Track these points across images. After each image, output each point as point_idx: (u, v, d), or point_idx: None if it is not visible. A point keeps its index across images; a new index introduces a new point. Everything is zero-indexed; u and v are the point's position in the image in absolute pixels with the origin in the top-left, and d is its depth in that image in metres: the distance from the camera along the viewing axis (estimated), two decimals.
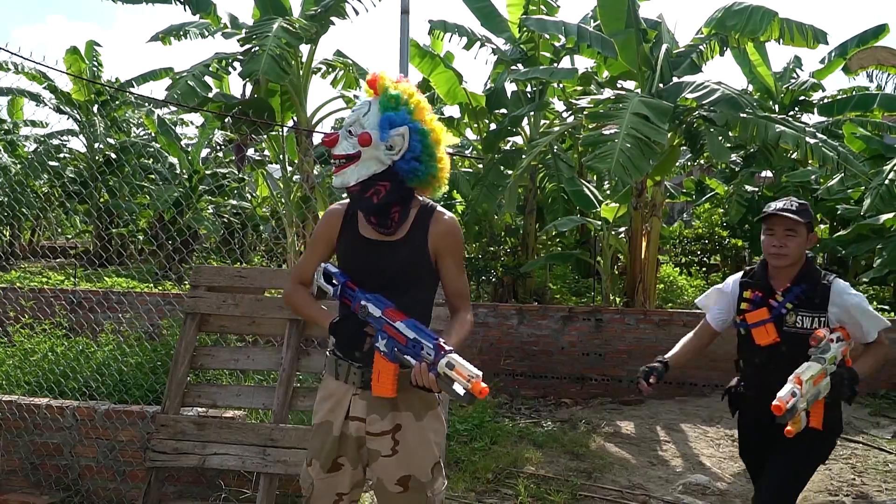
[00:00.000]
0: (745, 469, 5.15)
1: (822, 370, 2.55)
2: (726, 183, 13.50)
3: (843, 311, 2.73)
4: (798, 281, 2.77)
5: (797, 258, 2.76)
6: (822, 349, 2.59)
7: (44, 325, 5.39)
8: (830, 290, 2.74)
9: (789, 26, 7.64)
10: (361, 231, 2.32)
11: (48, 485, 3.94)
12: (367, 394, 2.26)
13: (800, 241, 2.74)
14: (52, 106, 15.78)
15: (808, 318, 2.73)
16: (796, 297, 2.75)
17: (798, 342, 2.68)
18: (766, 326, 2.76)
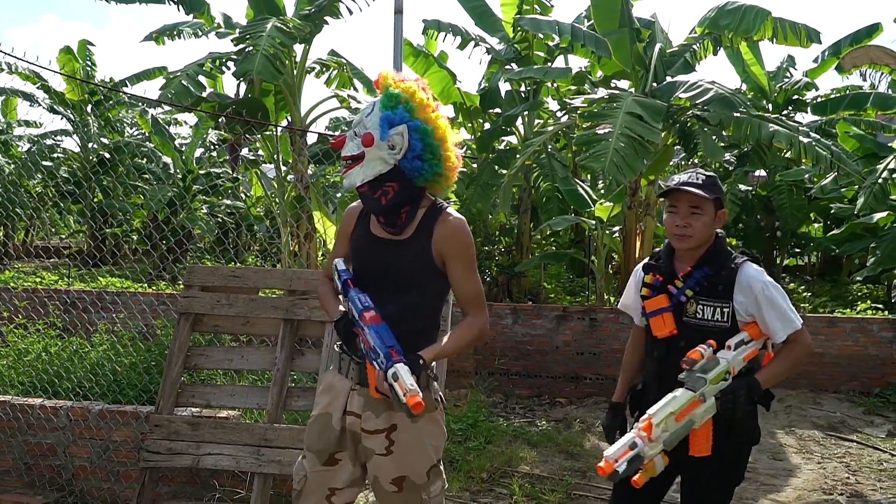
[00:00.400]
0: None
1: (692, 399, 2.22)
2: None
3: (750, 302, 2.35)
4: (701, 264, 2.42)
5: (704, 239, 2.42)
6: (699, 371, 2.24)
7: (38, 326, 5.38)
8: (737, 275, 2.37)
9: (782, 25, 7.66)
10: (372, 229, 2.34)
11: (42, 485, 3.93)
12: (364, 390, 2.26)
13: (706, 219, 2.40)
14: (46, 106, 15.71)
15: (710, 307, 2.38)
16: (698, 282, 2.40)
17: (699, 336, 2.35)
18: (663, 316, 2.43)
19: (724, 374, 2.27)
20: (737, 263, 2.39)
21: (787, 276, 14.33)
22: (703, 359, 2.24)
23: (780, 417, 6.53)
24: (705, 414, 2.26)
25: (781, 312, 2.34)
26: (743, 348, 2.33)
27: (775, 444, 5.80)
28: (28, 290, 6.86)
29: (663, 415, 2.18)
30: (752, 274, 2.37)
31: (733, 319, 2.37)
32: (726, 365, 2.28)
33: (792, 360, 2.37)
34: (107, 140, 15.99)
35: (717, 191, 2.45)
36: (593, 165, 6.31)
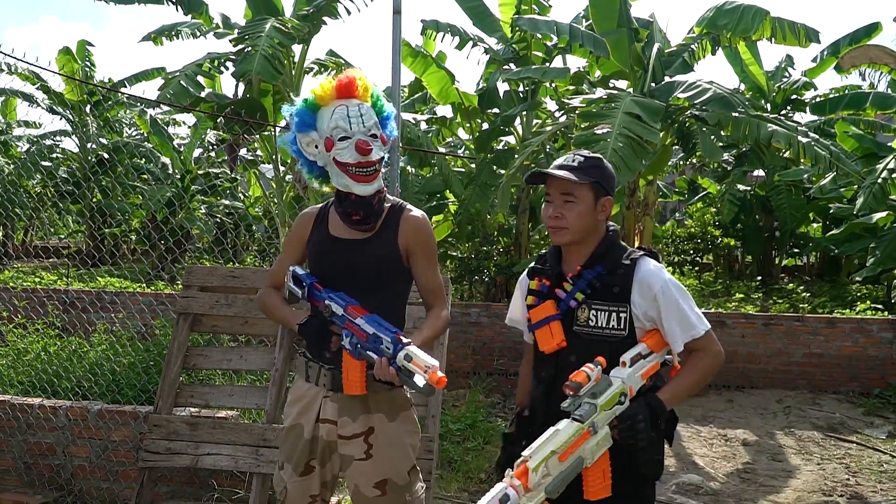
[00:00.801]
0: (738, 469, 5.20)
1: (579, 432, 1.83)
2: (718, 182, 13.57)
3: (649, 304, 2.00)
4: (592, 262, 2.06)
5: (582, 232, 2.05)
6: (587, 397, 1.87)
7: (37, 325, 5.38)
8: (634, 273, 2.02)
9: (781, 25, 7.67)
10: (331, 231, 2.33)
11: (41, 484, 3.94)
12: (338, 396, 2.26)
13: (581, 209, 2.03)
14: (45, 106, 15.71)
15: (605, 312, 2.01)
16: (589, 284, 2.04)
17: (592, 348, 2.00)
18: (550, 326, 2.05)
19: (619, 396, 1.92)
20: (633, 259, 2.04)
21: (786, 277, 14.34)
22: (590, 381, 1.87)
23: (780, 418, 6.53)
24: (598, 448, 1.88)
25: (681, 316, 1.99)
26: (641, 363, 1.98)
27: (774, 444, 5.80)
28: (27, 290, 6.86)
29: (542, 455, 1.76)
30: (650, 271, 2.03)
31: (632, 326, 2.02)
32: (620, 385, 1.93)
33: (699, 373, 2.02)
34: (106, 140, 15.99)
35: (596, 174, 2.05)
36: None
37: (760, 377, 7.43)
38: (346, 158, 2.22)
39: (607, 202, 2.08)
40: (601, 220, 2.08)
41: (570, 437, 1.82)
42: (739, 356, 7.44)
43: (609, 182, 2.09)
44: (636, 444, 1.91)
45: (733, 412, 6.70)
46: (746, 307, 9.46)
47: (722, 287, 12.40)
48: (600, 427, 1.89)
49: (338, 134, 2.22)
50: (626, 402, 1.94)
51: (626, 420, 1.91)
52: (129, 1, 8.66)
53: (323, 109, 2.25)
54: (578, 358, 1.98)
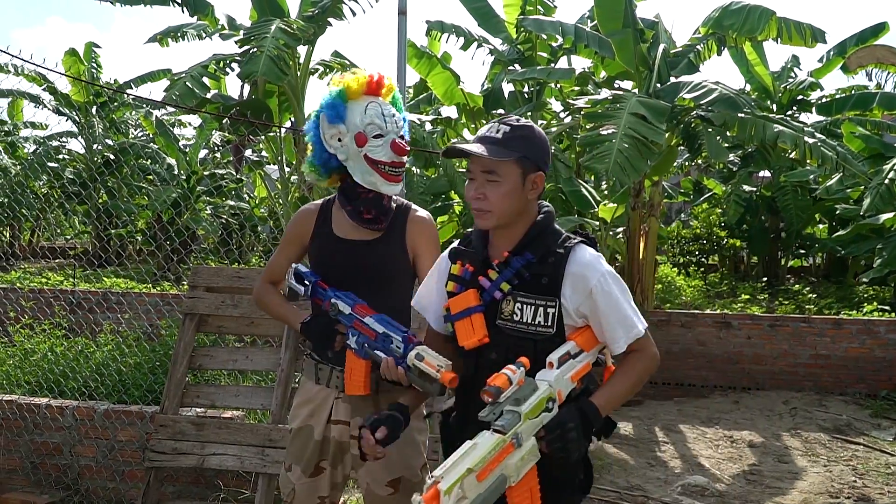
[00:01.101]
0: (744, 470, 5.19)
1: (500, 446, 1.56)
2: (724, 183, 13.54)
3: (583, 298, 1.75)
4: (522, 248, 1.80)
5: (509, 214, 1.79)
6: (509, 404, 1.61)
7: (43, 326, 5.40)
8: (566, 262, 1.77)
9: (787, 25, 7.65)
10: (336, 231, 2.30)
11: (48, 484, 3.95)
12: (349, 396, 2.25)
13: (507, 188, 1.77)
14: (52, 108, 15.78)
15: (531, 306, 1.76)
16: (517, 273, 1.78)
17: (515, 346, 1.77)
18: (471, 318, 1.80)
19: (547, 402, 1.66)
20: (567, 247, 1.79)
21: (792, 278, 14.30)
22: (512, 385, 1.60)
23: (786, 420, 6.51)
24: (524, 463, 1.61)
25: (622, 314, 1.76)
26: (570, 364, 1.74)
27: (780, 446, 5.79)
28: (34, 291, 6.89)
29: (456, 475, 1.48)
30: (586, 261, 1.77)
31: (560, 322, 1.77)
32: (548, 390, 1.67)
33: (637, 376, 1.80)
34: (112, 141, 16.05)
35: (522, 146, 1.76)
36: (597, 166, 6.30)
37: (766, 378, 7.41)
38: (380, 156, 2.21)
39: (538, 178, 1.80)
40: (532, 200, 1.82)
41: (490, 451, 1.54)
42: (745, 357, 7.43)
43: (539, 154, 1.80)
44: (567, 455, 1.64)
45: (739, 413, 6.69)
46: (752, 308, 9.45)
47: (727, 288, 12.37)
48: (525, 438, 1.61)
49: (373, 131, 2.21)
50: (555, 409, 1.67)
51: (554, 429, 1.64)
52: (135, 2, 8.68)
53: (352, 103, 2.23)
54: (500, 356, 1.75)
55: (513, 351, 1.75)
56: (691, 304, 10.21)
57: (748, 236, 13.66)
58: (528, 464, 1.63)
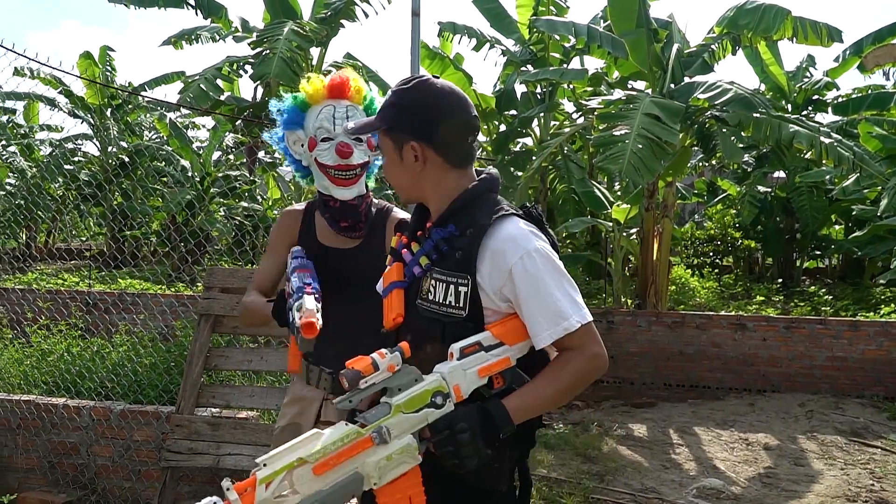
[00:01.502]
0: (760, 473, 5.15)
1: (350, 438, 1.35)
2: (738, 184, 13.47)
3: (504, 280, 1.49)
4: (445, 220, 1.58)
5: (405, 189, 1.64)
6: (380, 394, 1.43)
7: (60, 326, 5.44)
8: (486, 235, 1.51)
9: (803, 24, 7.60)
10: (319, 238, 2.24)
11: (65, 483, 3.98)
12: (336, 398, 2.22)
13: (386, 163, 1.64)
14: (67, 110, 15.92)
15: (444, 283, 1.53)
16: (435, 246, 1.57)
17: (427, 329, 1.55)
18: (392, 294, 1.63)
19: (433, 395, 1.42)
20: (494, 218, 1.53)
21: (808, 279, 14.19)
22: (377, 371, 1.38)
23: (802, 422, 6.46)
24: (393, 464, 1.37)
25: (549, 301, 1.47)
26: (478, 356, 1.48)
27: (797, 449, 5.74)
28: (51, 292, 6.95)
29: (282, 464, 1.28)
30: (508, 234, 1.51)
31: (476, 305, 1.51)
32: (435, 382, 1.44)
33: (566, 379, 1.50)
34: (126, 144, 16.18)
35: (391, 115, 1.59)
36: (611, 167, 6.29)
37: (782, 380, 7.35)
38: (326, 160, 2.17)
39: (416, 147, 1.56)
40: (422, 172, 1.59)
41: (335, 442, 1.32)
42: (760, 359, 7.37)
43: (409, 121, 1.56)
44: (460, 462, 1.40)
45: (754, 416, 6.64)
46: (767, 310, 9.38)
47: (742, 290, 12.29)
48: (396, 435, 1.38)
49: (321, 134, 2.17)
50: (448, 405, 1.43)
51: (442, 429, 1.41)
52: (149, 4, 8.74)
53: (312, 108, 2.20)
54: (414, 338, 1.53)
55: (424, 334, 1.54)
56: (705, 306, 10.16)
57: (763, 237, 13.57)
58: (401, 466, 1.38)
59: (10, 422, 4.09)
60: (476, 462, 1.40)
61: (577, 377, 1.50)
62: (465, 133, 1.60)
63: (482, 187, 1.60)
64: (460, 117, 1.58)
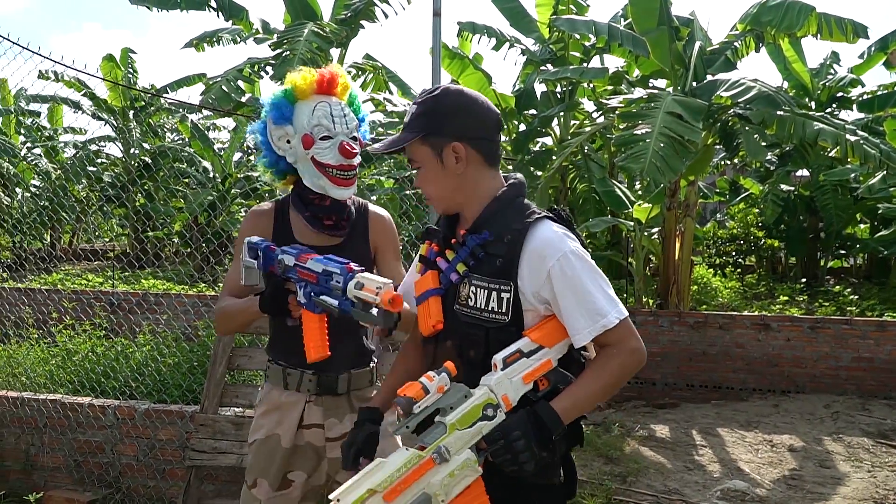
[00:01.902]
0: (785, 475, 5.09)
1: (413, 463, 1.40)
2: (761, 182, 13.33)
3: (541, 281, 1.53)
4: (479, 226, 1.61)
5: (445, 196, 1.65)
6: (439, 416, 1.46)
7: (85, 326, 5.50)
8: (524, 239, 1.55)
9: (827, 21, 7.49)
10: (298, 238, 2.14)
11: (90, 482, 4.02)
12: (322, 399, 2.15)
13: (426, 172, 1.64)
14: (90, 112, 16.11)
15: (485, 290, 1.56)
16: (471, 252, 1.59)
17: (469, 334, 1.59)
18: (429, 302, 1.64)
19: (484, 408, 1.47)
20: (527, 223, 1.57)
21: (832, 279, 14.01)
22: (428, 394, 1.42)
23: (827, 424, 6.37)
24: (456, 480, 1.43)
25: (586, 300, 1.52)
26: (521, 363, 1.51)
27: (822, 451, 5.67)
28: (76, 292, 7.03)
29: (353, 497, 1.34)
30: (545, 238, 1.55)
31: (518, 310, 1.55)
32: (484, 396, 1.48)
33: (609, 376, 1.54)
34: (149, 145, 16.34)
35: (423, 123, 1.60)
36: (632, 166, 6.24)
37: (807, 381, 7.26)
38: (327, 159, 2.09)
39: (457, 148, 1.59)
40: (464, 173, 1.61)
41: (399, 469, 1.37)
42: (785, 360, 7.29)
43: (447, 124, 1.59)
44: (519, 467, 1.44)
45: (779, 417, 6.56)
46: (791, 310, 9.27)
47: (765, 289, 12.16)
48: (455, 452, 1.43)
49: (320, 132, 2.09)
50: (499, 415, 1.48)
51: (497, 438, 1.45)
52: (171, 6, 8.81)
53: (301, 103, 2.11)
54: (455, 344, 1.60)
55: (466, 339, 1.59)
56: (728, 306, 10.06)
57: (786, 237, 13.42)
58: (463, 480, 1.44)
59: (36, 421, 4.14)
60: (533, 465, 1.44)
61: (619, 372, 1.55)
62: (496, 129, 1.66)
63: (512, 192, 1.65)
64: (490, 114, 1.64)
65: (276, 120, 2.10)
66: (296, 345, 2.03)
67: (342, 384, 2.17)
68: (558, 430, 1.48)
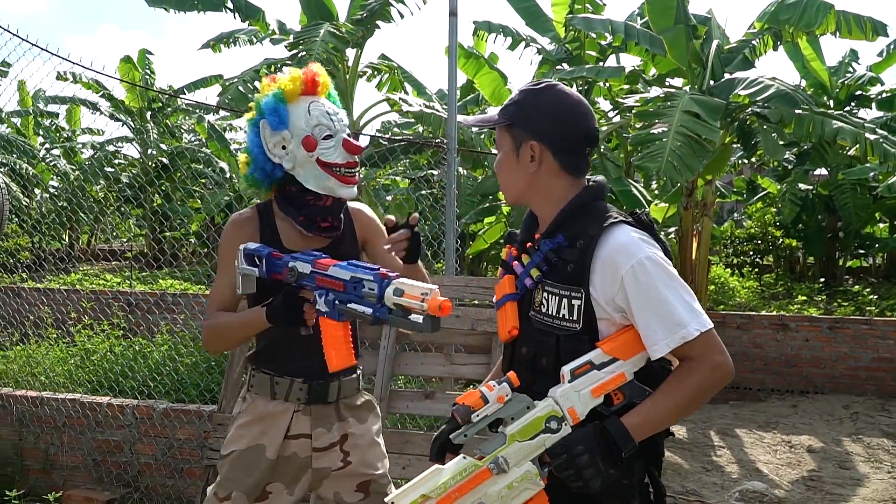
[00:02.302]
0: (804, 476, 5.04)
1: (469, 472, 1.39)
2: (779, 181, 13.23)
3: (615, 288, 1.46)
4: (554, 230, 1.56)
5: (514, 188, 1.62)
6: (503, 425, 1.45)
7: (103, 326, 5.55)
8: (598, 245, 1.48)
9: (846, 18, 7.42)
10: (286, 244, 2.07)
11: (109, 481, 4.05)
12: (310, 408, 2.11)
13: (501, 158, 1.62)
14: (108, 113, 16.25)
15: (556, 297, 1.51)
16: (545, 257, 1.55)
17: (542, 341, 1.55)
18: (506, 307, 1.62)
19: (547, 420, 1.43)
20: (602, 227, 1.49)
21: (851, 279, 13.87)
22: (487, 404, 1.41)
23: (846, 424, 6.31)
24: (515, 492, 1.40)
25: (665, 309, 1.43)
26: (590, 376, 1.45)
27: (841, 451, 5.61)
28: (94, 292, 7.09)
29: (408, 501, 1.36)
30: (619, 244, 1.47)
31: (590, 318, 1.49)
32: (548, 408, 1.44)
33: (689, 392, 1.45)
34: (166, 146, 16.45)
35: (514, 112, 1.58)
36: (649, 166, 6.21)
37: (826, 382, 7.20)
38: (333, 158, 2.02)
39: (534, 147, 1.55)
40: (536, 173, 1.57)
41: (454, 476, 1.37)
42: (803, 360, 7.23)
43: (534, 121, 1.55)
44: (584, 485, 1.38)
45: (797, 418, 6.51)
46: (810, 310, 9.19)
47: (783, 289, 12.06)
48: (514, 464, 1.40)
49: (321, 132, 2.02)
50: (564, 429, 1.43)
51: (560, 453, 1.40)
52: (188, 8, 8.85)
53: (292, 106, 2.04)
54: (530, 351, 1.56)
55: (539, 347, 1.55)
56: (746, 306, 9.99)
57: (804, 236, 13.30)
58: (523, 493, 1.41)
59: (55, 420, 4.17)
60: (600, 482, 1.39)
61: (698, 389, 1.45)
62: (585, 143, 1.59)
63: (588, 195, 1.58)
64: (583, 125, 1.57)
65: (275, 125, 2.03)
66: (292, 354, 2.00)
67: (333, 392, 2.13)
68: (628, 448, 1.41)
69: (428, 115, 7.99)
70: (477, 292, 3.71)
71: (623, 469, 1.43)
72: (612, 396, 1.48)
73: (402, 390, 3.90)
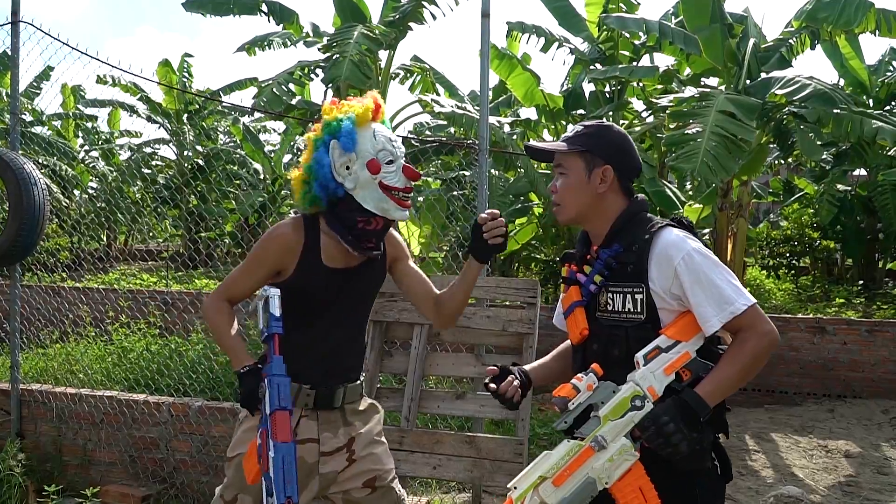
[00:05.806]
0: (840, 482, 4.95)
1: (577, 451, 1.64)
2: (816, 182, 12.98)
3: (669, 278, 1.73)
4: (610, 241, 1.84)
5: (578, 207, 1.87)
6: (593, 411, 1.67)
7: (140, 325, 5.65)
8: (651, 245, 1.77)
9: (886, 16, 7.27)
10: (325, 261, 2.16)
11: (145, 477, 4.12)
12: (316, 413, 2.17)
13: (571, 180, 1.86)
14: (145, 116, 16.54)
15: (620, 294, 1.79)
16: (605, 264, 1.82)
17: (611, 335, 1.81)
18: (575, 313, 1.88)
19: (632, 400, 1.67)
20: (652, 232, 1.79)
21: (891, 281, 13.56)
22: (579, 393, 1.67)
23: (885, 429, 6.18)
24: (615, 464, 1.64)
25: (713, 290, 1.69)
26: (661, 358, 1.71)
27: (880, 457, 5.50)
28: (132, 292, 7.22)
29: (528, 483, 1.60)
30: (669, 241, 1.76)
31: (650, 308, 1.76)
32: (631, 389, 1.68)
33: (745, 358, 1.69)
34: (202, 148, 16.70)
35: (586, 141, 1.85)
36: (684, 166, 6.15)
37: (864, 386, 7.05)
38: (395, 182, 2.12)
39: (606, 172, 1.83)
40: (602, 193, 1.84)
41: (563, 458, 1.63)
42: (841, 364, 7.09)
43: (606, 149, 1.85)
44: (674, 450, 1.61)
45: (834, 422, 6.39)
46: (848, 313, 9.00)
47: (820, 292, 11.84)
48: (610, 440, 1.65)
49: (385, 157, 2.12)
50: (648, 405, 1.67)
51: (649, 425, 1.63)
52: (225, 13, 8.99)
53: (360, 130, 2.13)
54: (600, 346, 1.82)
55: (610, 341, 1.80)
56: (782, 308, 9.82)
57: (842, 238, 13.03)
58: (622, 465, 1.64)
59: (93, 417, 4.25)
60: (687, 445, 1.61)
61: (753, 355, 1.69)
62: (637, 172, 1.93)
63: (635, 209, 1.87)
64: (637, 158, 1.92)
65: (346, 147, 2.11)
66: (299, 360, 2.08)
67: (338, 398, 2.20)
68: (704, 413, 1.64)
69: (460, 116, 8.01)
70: (508, 293, 3.71)
71: (700, 434, 1.65)
72: (681, 374, 1.72)
73: (433, 390, 3.90)
